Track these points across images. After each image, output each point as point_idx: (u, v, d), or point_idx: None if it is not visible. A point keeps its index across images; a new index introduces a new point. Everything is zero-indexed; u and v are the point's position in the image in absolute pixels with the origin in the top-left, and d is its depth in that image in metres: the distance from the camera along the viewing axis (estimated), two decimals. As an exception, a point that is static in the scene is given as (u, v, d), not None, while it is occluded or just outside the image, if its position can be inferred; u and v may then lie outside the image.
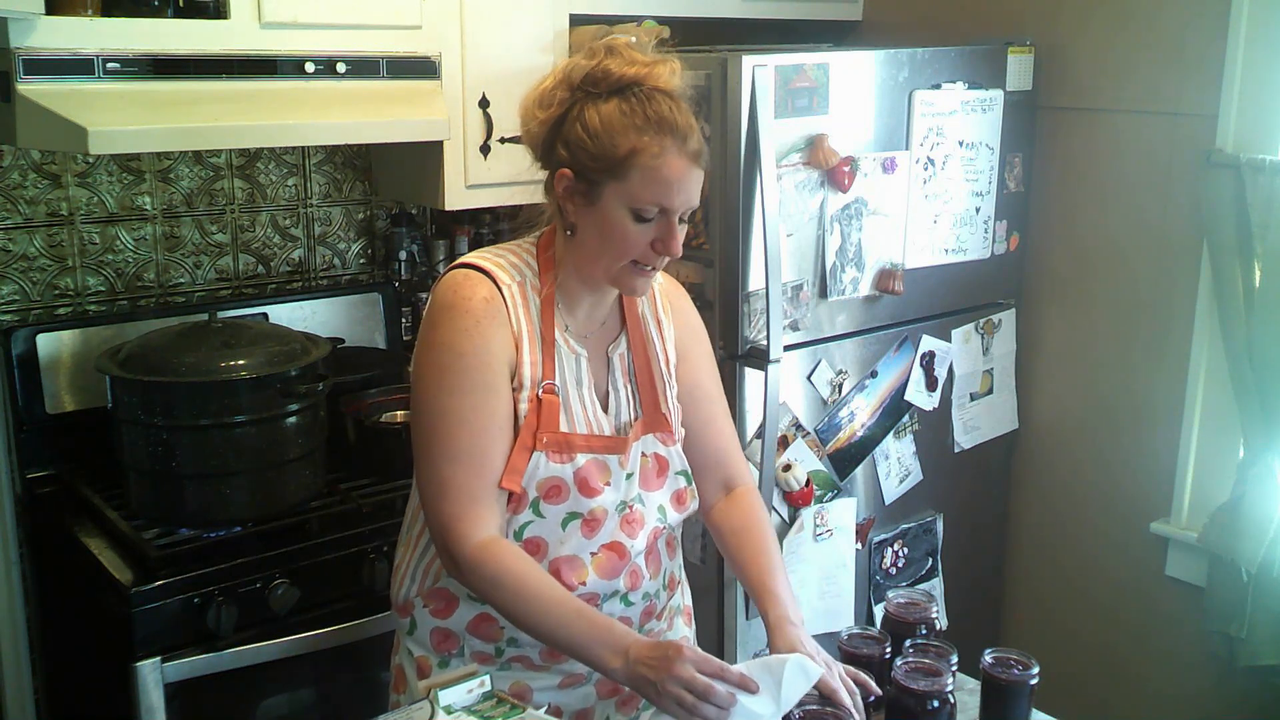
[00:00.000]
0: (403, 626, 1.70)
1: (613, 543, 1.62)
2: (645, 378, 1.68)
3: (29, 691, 2.53)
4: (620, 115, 1.48)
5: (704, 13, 2.96)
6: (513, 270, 1.58)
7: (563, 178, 1.52)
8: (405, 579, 1.69)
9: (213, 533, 2.16)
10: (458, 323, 1.53)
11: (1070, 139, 2.93)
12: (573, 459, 1.57)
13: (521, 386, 1.55)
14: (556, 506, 1.58)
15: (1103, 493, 2.98)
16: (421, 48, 2.44)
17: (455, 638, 1.64)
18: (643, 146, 1.47)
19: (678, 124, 1.49)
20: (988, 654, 1.60)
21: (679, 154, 1.49)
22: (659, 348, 1.70)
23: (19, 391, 2.37)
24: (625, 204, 1.50)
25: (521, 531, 1.57)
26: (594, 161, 1.49)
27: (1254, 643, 2.61)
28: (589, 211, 1.52)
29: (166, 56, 2.10)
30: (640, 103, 1.49)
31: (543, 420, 1.55)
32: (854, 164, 2.54)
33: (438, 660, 1.65)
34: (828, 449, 2.65)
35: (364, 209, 2.92)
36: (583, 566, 1.60)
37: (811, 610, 2.65)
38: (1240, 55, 2.57)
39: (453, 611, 1.63)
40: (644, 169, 1.48)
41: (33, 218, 2.44)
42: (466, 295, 1.54)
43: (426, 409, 1.54)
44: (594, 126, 1.49)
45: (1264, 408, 2.55)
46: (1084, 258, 2.95)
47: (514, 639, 1.61)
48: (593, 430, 1.60)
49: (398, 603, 1.71)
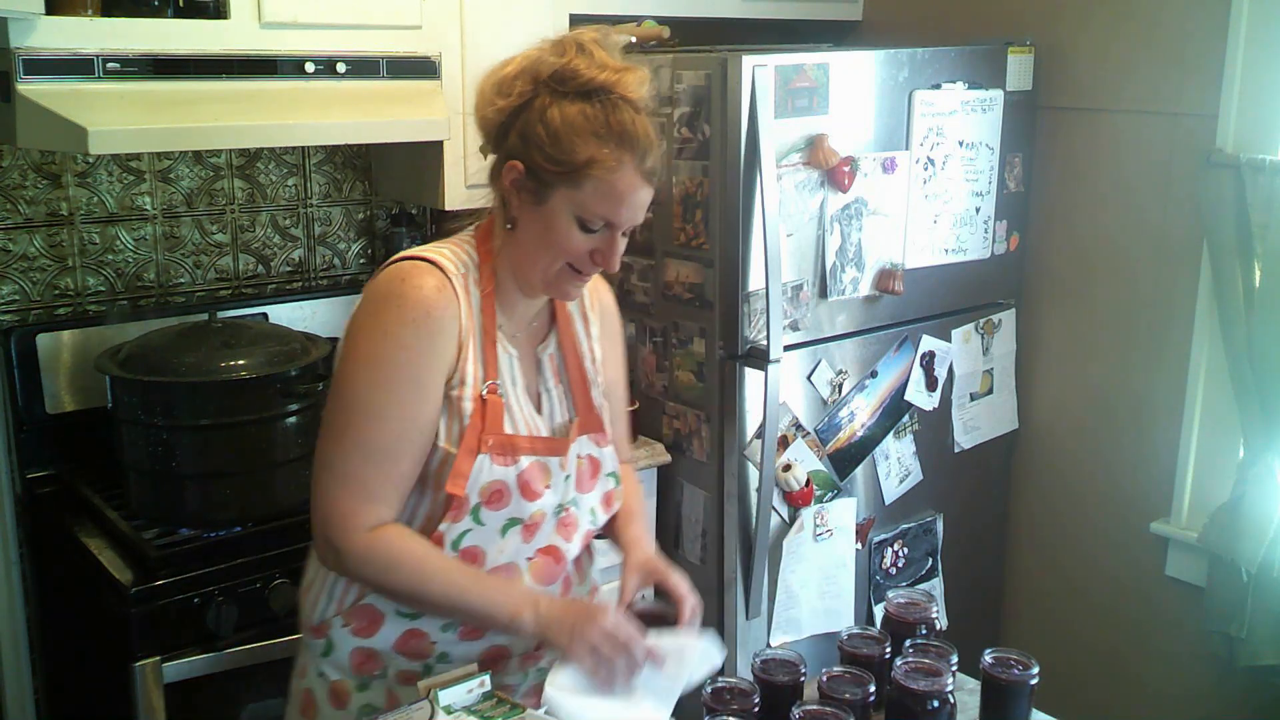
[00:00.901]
0: (315, 648, 1.60)
1: (549, 546, 1.60)
2: (577, 378, 1.64)
3: (29, 691, 2.53)
4: (583, 119, 1.44)
5: (704, 13, 2.96)
6: (456, 263, 1.52)
7: (512, 169, 1.47)
8: (320, 598, 1.59)
9: (213, 533, 2.16)
10: (406, 312, 1.46)
11: (1070, 139, 2.93)
12: (516, 461, 1.53)
13: (464, 384, 1.50)
14: (497, 512, 1.53)
15: (1103, 493, 2.98)
16: (421, 48, 2.44)
17: (379, 658, 1.56)
18: (601, 158, 1.43)
19: (639, 139, 1.46)
20: (988, 654, 1.60)
21: (635, 171, 1.46)
22: (587, 347, 1.67)
23: (19, 391, 2.37)
24: (573, 211, 1.46)
25: (459, 541, 1.52)
26: (549, 162, 1.45)
27: (1254, 643, 2.61)
28: (535, 210, 1.48)
29: (166, 56, 2.10)
30: (605, 110, 1.44)
31: (488, 422, 1.50)
32: (854, 164, 2.54)
33: (357, 683, 1.57)
34: (828, 449, 2.65)
35: (364, 209, 2.92)
36: (519, 573, 1.57)
37: (811, 610, 2.65)
38: (1240, 55, 2.57)
39: (377, 629, 1.55)
40: (598, 181, 1.44)
41: (33, 218, 2.44)
42: (417, 284, 1.47)
43: (350, 397, 1.47)
44: (555, 126, 1.44)
45: (1264, 408, 2.55)
46: (1084, 258, 2.95)
47: (445, 654, 1.56)
48: (531, 432, 1.56)
49: (310, 623, 1.61)
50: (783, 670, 1.60)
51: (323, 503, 1.49)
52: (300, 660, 1.66)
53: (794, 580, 2.61)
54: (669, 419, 2.67)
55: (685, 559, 2.70)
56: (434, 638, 1.55)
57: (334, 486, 1.48)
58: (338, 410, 1.49)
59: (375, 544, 1.47)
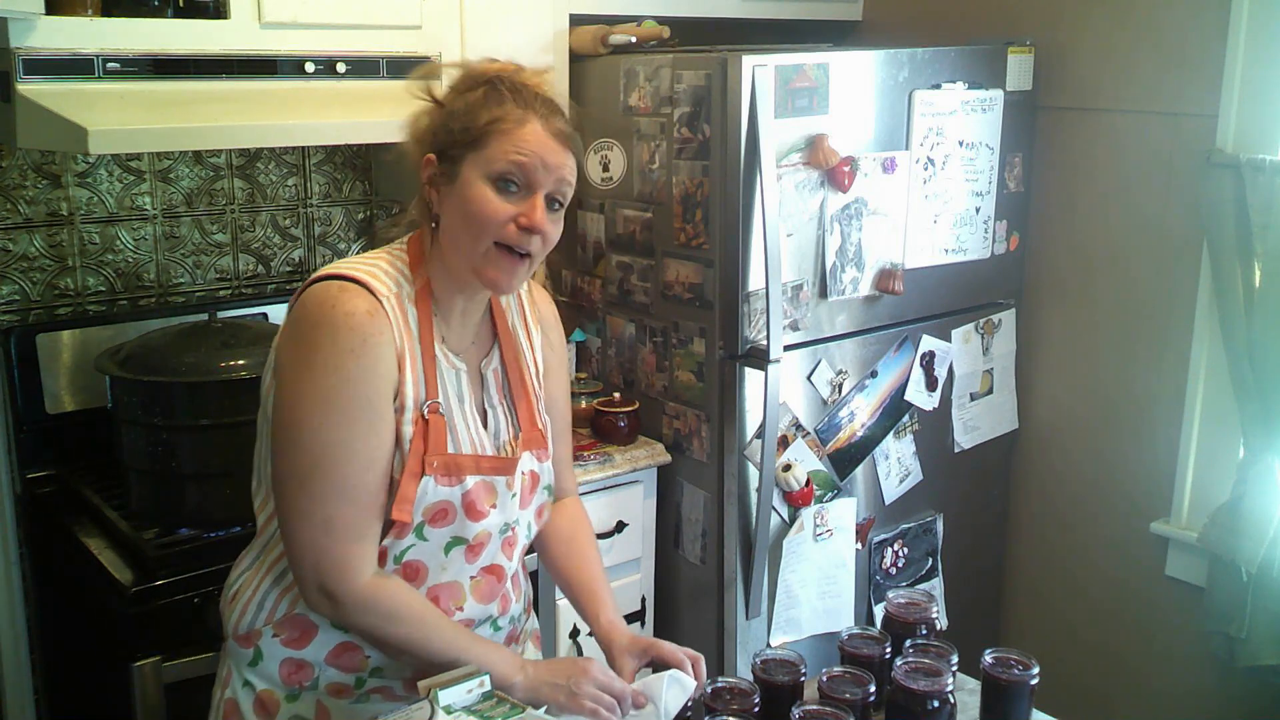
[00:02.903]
0: (241, 658, 1.55)
1: (492, 565, 1.57)
2: (520, 392, 1.60)
3: (29, 691, 2.53)
4: (486, 96, 1.45)
5: (704, 13, 2.96)
6: (388, 280, 1.46)
7: (428, 164, 1.47)
8: (249, 607, 1.54)
9: (213, 533, 2.16)
10: (342, 342, 1.39)
11: (1070, 139, 2.93)
12: (461, 481, 1.48)
13: (404, 408, 1.44)
14: (440, 530, 1.50)
15: (1103, 493, 2.98)
16: (421, 48, 2.44)
17: (309, 668, 1.52)
18: (503, 114, 1.43)
19: (540, 100, 1.45)
20: (988, 654, 1.60)
21: (543, 129, 1.44)
22: (529, 358, 1.64)
23: (19, 391, 2.37)
24: (483, 172, 1.43)
25: (401, 555, 1.49)
26: (454, 137, 1.44)
27: (1254, 643, 2.61)
28: (450, 192, 1.45)
29: (166, 56, 2.10)
30: (506, 84, 1.46)
31: (430, 443, 1.46)
32: (854, 164, 2.54)
33: (285, 693, 1.53)
34: (828, 449, 2.65)
35: (364, 209, 2.92)
36: (461, 592, 1.55)
37: (811, 610, 2.65)
38: (1240, 55, 2.57)
39: (309, 641, 1.51)
40: (502, 134, 1.42)
41: (33, 218, 2.44)
42: (349, 310, 1.40)
43: (309, 440, 1.40)
44: (460, 108, 1.45)
45: (1264, 408, 2.55)
46: (1084, 258, 2.95)
47: (379, 669, 1.53)
48: (477, 449, 1.52)
49: (237, 633, 1.55)
50: (783, 670, 1.60)
51: (310, 553, 1.43)
52: (223, 669, 1.60)
53: (794, 580, 2.61)
54: (669, 419, 2.67)
55: (685, 559, 2.71)
56: (367, 652, 1.53)
57: (318, 535, 1.42)
58: (300, 456, 1.41)
59: (377, 593, 1.44)
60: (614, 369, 2.81)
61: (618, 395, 2.71)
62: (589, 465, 2.54)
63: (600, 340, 2.84)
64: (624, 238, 2.70)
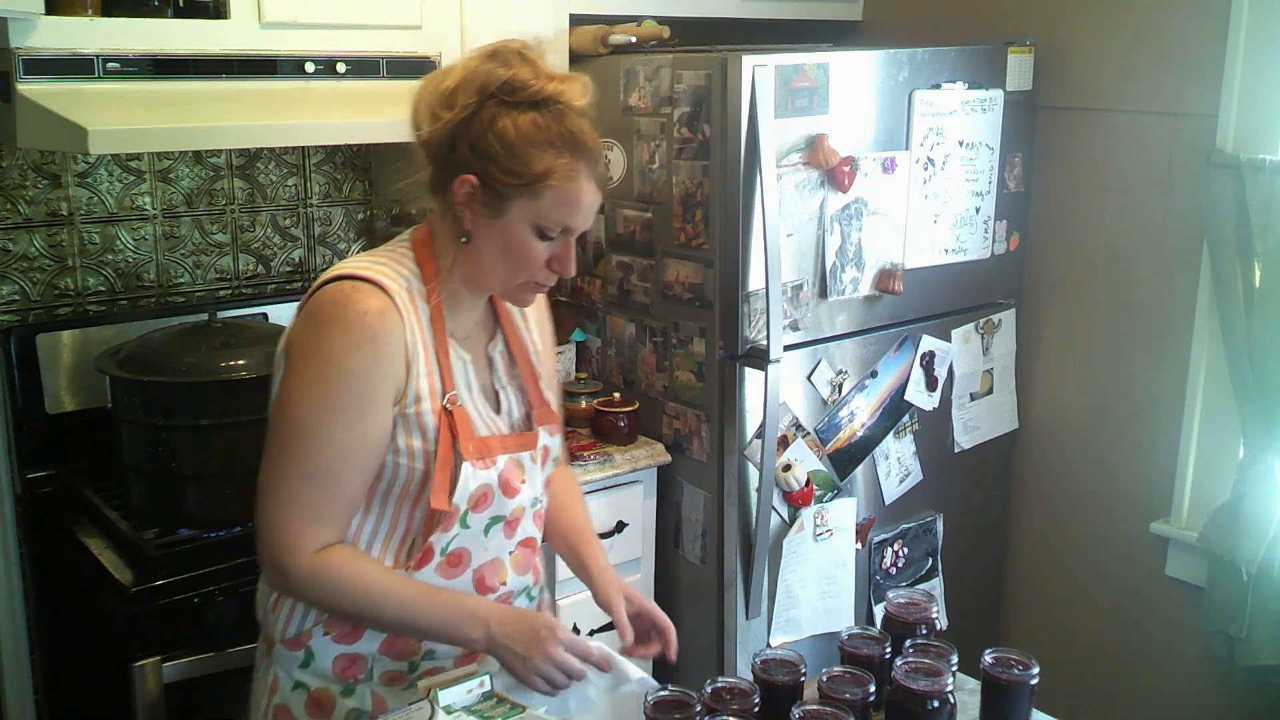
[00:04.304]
0: (292, 661, 1.57)
1: (527, 538, 1.65)
2: (526, 371, 1.66)
3: (29, 691, 2.53)
4: (536, 130, 1.45)
5: (704, 13, 2.96)
6: (398, 278, 1.51)
7: (465, 183, 1.47)
8: (295, 612, 1.57)
9: (213, 533, 2.16)
10: (351, 337, 1.44)
11: (1070, 139, 2.93)
12: (494, 463, 1.55)
13: (420, 400, 1.49)
14: (481, 514, 1.56)
15: (1103, 493, 2.98)
16: (421, 48, 2.44)
17: (363, 660, 1.56)
18: (558, 168, 1.45)
19: (590, 147, 1.48)
20: (988, 654, 1.60)
21: (589, 178, 1.49)
22: (529, 339, 1.69)
23: (19, 391, 2.37)
24: (532, 221, 1.48)
25: (447, 547, 1.54)
26: (506, 175, 1.45)
27: (1254, 643, 2.61)
28: (492, 224, 1.49)
29: (166, 56, 2.10)
30: (555, 119, 1.46)
31: (459, 430, 1.51)
32: (854, 164, 2.54)
33: (341, 689, 1.57)
34: (828, 449, 2.65)
35: (364, 209, 2.92)
36: (503, 567, 1.61)
37: (812, 610, 2.65)
38: (1240, 55, 2.57)
39: (361, 634, 1.55)
40: (556, 190, 1.46)
41: (33, 218, 2.44)
42: (362, 309, 1.45)
43: (296, 419, 1.46)
44: (509, 137, 1.44)
45: (1264, 408, 2.55)
46: (1084, 258, 2.95)
47: (431, 651, 1.57)
48: (493, 432, 1.58)
49: (284, 637, 1.57)
50: (783, 670, 1.60)
51: (267, 526, 1.48)
52: (266, 675, 1.62)
53: (794, 580, 2.61)
54: (669, 419, 2.67)
55: (685, 559, 2.71)
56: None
57: (278, 510, 1.47)
58: (282, 433, 1.48)
59: (321, 567, 1.47)
60: (614, 369, 2.81)
61: (618, 395, 2.71)
62: (589, 465, 2.54)
63: (600, 340, 2.84)
64: (624, 238, 2.70)
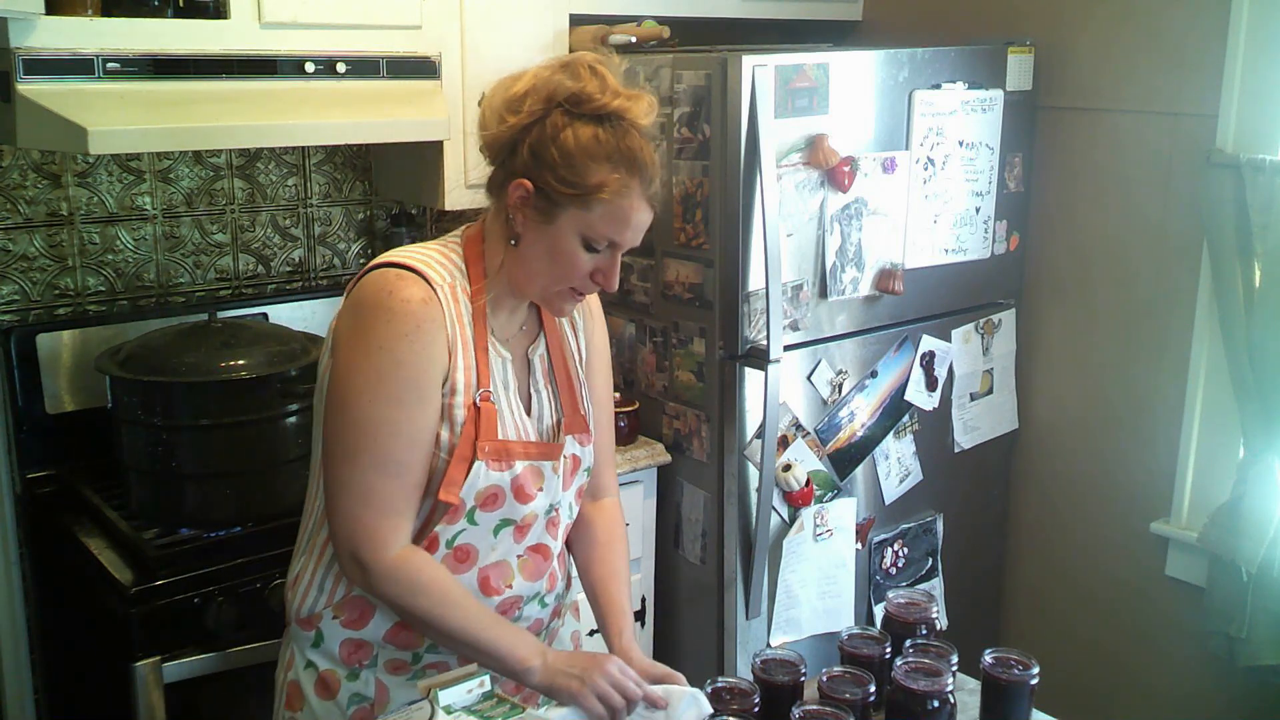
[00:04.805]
0: (305, 640, 1.62)
1: (538, 545, 1.64)
2: (564, 378, 1.67)
3: (29, 691, 2.53)
4: (596, 144, 1.47)
5: (704, 13, 2.96)
6: (443, 270, 1.54)
7: (520, 187, 1.49)
8: (310, 591, 1.61)
9: (213, 533, 2.16)
10: (396, 326, 1.47)
11: (1070, 139, 2.93)
12: (511, 466, 1.56)
13: (455, 392, 1.52)
14: (490, 514, 1.57)
15: (1103, 493, 2.98)
16: (421, 48, 2.44)
17: (369, 647, 1.60)
18: (611, 182, 1.47)
19: (647, 165, 1.50)
20: (988, 654, 1.60)
21: (641, 196, 1.50)
22: (574, 347, 1.70)
23: (19, 391, 2.37)
24: (580, 232, 1.50)
25: (453, 540, 1.55)
26: (561, 183, 1.47)
27: (1254, 643, 2.61)
28: (542, 229, 1.51)
29: (166, 56, 2.10)
30: (617, 135, 1.48)
31: (482, 429, 1.53)
32: (854, 164, 2.54)
33: (346, 673, 1.60)
34: (828, 449, 2.65)
35: (364, 209, 2.92)
36: (510, 570, 1.61)
37: (812, 610, 2.66)
38: (1240, 55, 2.57)
39: (368, 621, 1.58)
40: (607, 203, 1.48)
41: (33, 218, 2.44)
42: (405, 297, 1.48)
43: (357, 415, 1.48)
44: (569, 148, 1.46)
45: (1264, 408, 2.55)
46: (1084, 258, 2.95)
47: (435, 644, 1.59)
48: (521, 435, 1.59)
49: (299, 616, 1.62)
50: (783, 670, 1.60)
51: (347, 522, 1.50)
52: (286, 652, 1.67)
53: (794, 580, 2.61)
54: (669, 419, 2.67)
55: (685, 559, 2.71)
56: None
57: (355, 505, 1.49)
58: (346, 429, 1.49)
59: (403, 565, 1.50)
60: (614, 369, 2.81)
61: (618, 395, 2.71)
62: (589, 465, 2.54)
63: (600, 340, 2.84)
64: (624, 238, 2.69)
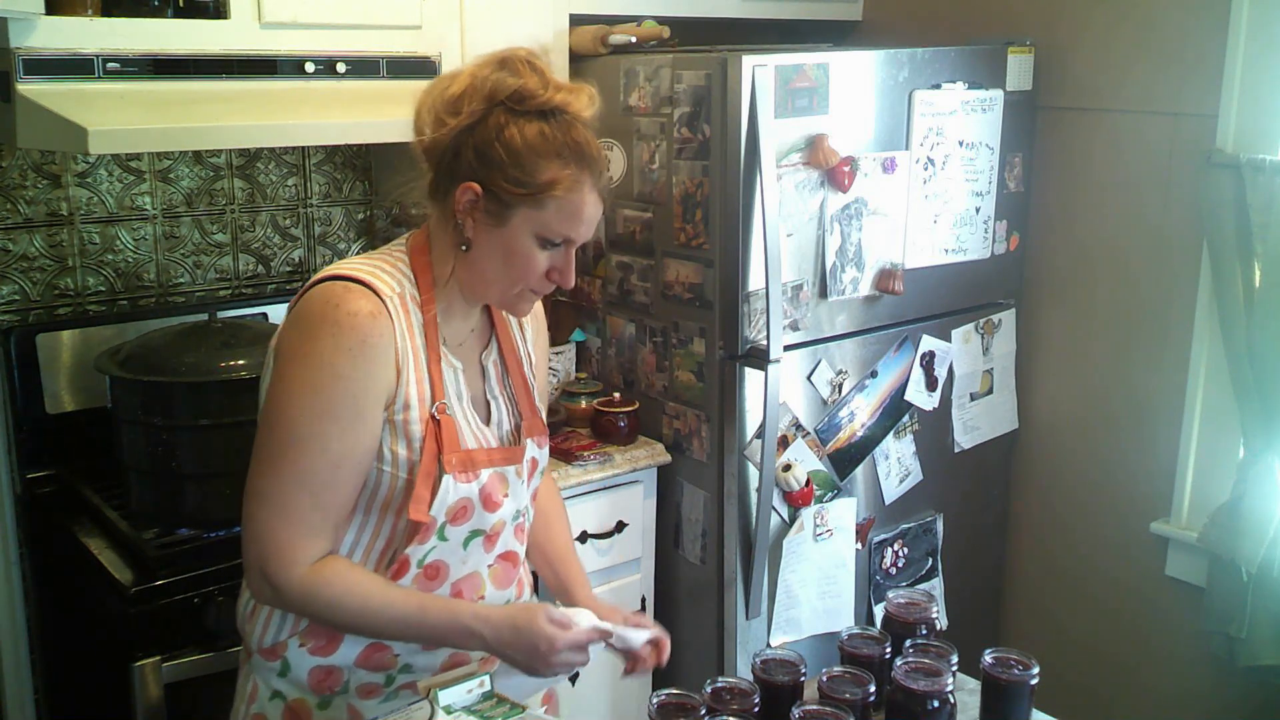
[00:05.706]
0: (269, 670, 1.55)
1: (507, 552, 1.62)
2: (518, 382, 1.65)
3: (29, 691, 2.53)
4: (543, 140, 1.44)
5: (704, 13, 2.96)
6: (391, 281, 1.48)
7: (468, 190, 1.45)
8: (271, 620, 1.55)
9: (213, 533, 2.16)
10: (342, 340, 1.41)
11: (1070, 139, 2.93)
12: (478, 476, 1.52)
13: (409, 407, 1.47)
14: (460, 527, 1.53)
15: (1103, 493, 2.98)
16: (421, 48, 2.44)
17: (339, 673, 1.54)
18: (563, 178, 1.44)
19: (595, 158, 1.47)
20: (988, 654, 1.60)
21: (593, 189, 1.48)
22: (524, 351, 1.68)
23: (19, 391, 2.37)
24: (534, 231, 1.47)
25: (424, 559, 1.52)
26: (511, 184, 1.44)
27: (1254, 643, 2.61)
28: (494, 232, 1.47)
29: (166, 56, 2.10)
30: (562, 130, 1.45)
31: (445, 441, 1.48)
32: (854, 164, 2.54)
33: (317, 701, 1.55)
34: (828, 449, 2.65)
35: (364, 209, 2.92)
36: (481, 581, 1.59)
37: (812, 610, 2.65)
38: (1240, 55, 2.57)
39: (337, 647, 1.53)
40: (560, 200, 1.45)
41: (33, 218, 2.44)
42: (352, 310, 1.42)
43: (288, 427, 1.43)
44: (516, 147, 1.43)
45: (1264, 408, 2.55)
46: (1084, 258, 2.95)
47: (408, 665, 1.56)
48: (481, 444, 1.55)
49: (261, 646, 1.55)
50: (783, 670, 1.60)
51: (257, 535, 1.45)
52: (245, 684, 1.60)
53: (794, 580, 2.61)
54: (669, 419, 2.67)
55: (685, 559, 2.71)
56: (396, 650, 1.54)
57: (271, 519, 1.44)
58: (273, 440, 1.45)
59: (316, 580, 1.45)
60: (614, 369, 2.81)
61: (618, 395, 2.71)
62: (589, 465, 2.54)
63: (600, 340, 2.84)
64: (624, 238, 2.70)
